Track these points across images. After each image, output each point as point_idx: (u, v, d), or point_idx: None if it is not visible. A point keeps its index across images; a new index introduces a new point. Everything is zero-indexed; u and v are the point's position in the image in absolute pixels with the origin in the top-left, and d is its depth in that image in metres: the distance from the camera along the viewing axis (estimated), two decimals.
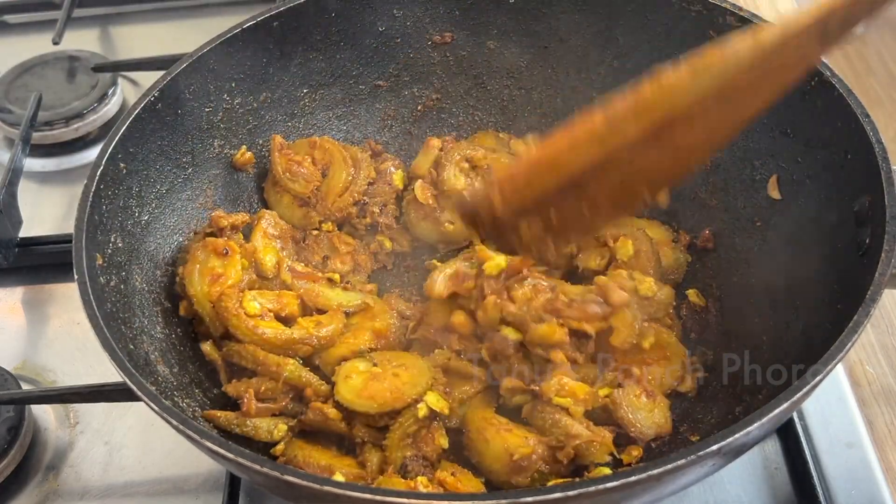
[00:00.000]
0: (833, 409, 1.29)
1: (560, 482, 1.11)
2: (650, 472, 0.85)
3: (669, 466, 0.86)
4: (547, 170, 0.96)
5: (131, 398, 1.02)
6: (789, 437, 1.26)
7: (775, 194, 1.31)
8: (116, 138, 1.23)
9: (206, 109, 1.39)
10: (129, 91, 1.90)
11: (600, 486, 0.85)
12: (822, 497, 1.18)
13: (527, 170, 0.99)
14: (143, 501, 1.26)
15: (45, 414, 1.36)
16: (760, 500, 1.21)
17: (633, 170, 0.95)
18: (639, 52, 1.43)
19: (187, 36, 1.93)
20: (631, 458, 1.17)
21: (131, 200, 1.27)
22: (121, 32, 2.09)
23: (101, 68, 1.84)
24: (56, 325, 1.50)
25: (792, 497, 1.21)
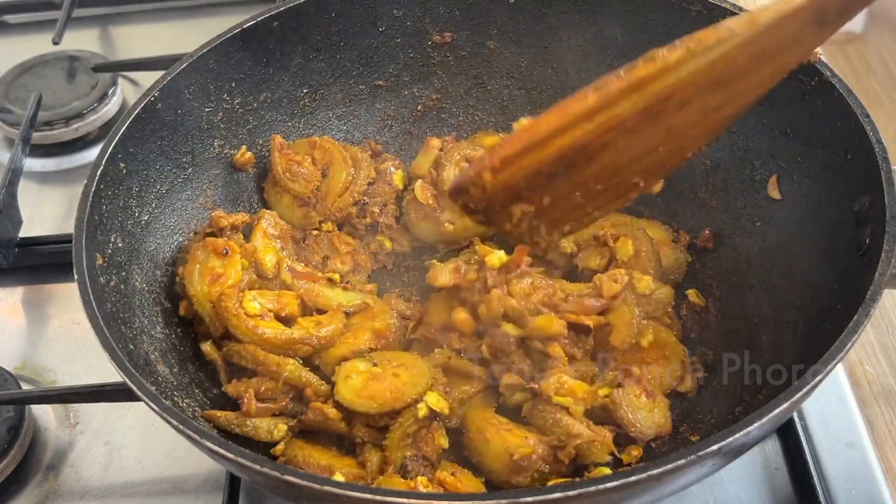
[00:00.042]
0: (833, 409, 1.29)
1: (560, 482, 1.11)
2: (650, 472, 0.85)
3: (669, 466, 0.86)
4: (538, 145, 0.94)
5: (131, 398, 1.02)
6: (789, 437, 1.26)
7: (775, 194, 1.31)
8: (116, 138, 1.23)
9: (206, 109, 1.39)
10: (129, 91, 1.90)
11: (600, 486, 0.85)
12: (822, 497, 1.18)
13: (518, 144, 0.96)
14: (143, 501, 1.26)
15: (45, 414, 1.36)
16: (760, 500, 1.21)
17: (627, 154, 0.94)
18: (639, 52, 1.40)
19: (187, 36, 1.93)
20: (631, 458, 1.17)
21: (131, 200, 1.27)
22: (121, 32, 2.09)
23: (101, 68, 1.84)
24: (56, 325, 1.49)
25: (792, 497, 1.21)
